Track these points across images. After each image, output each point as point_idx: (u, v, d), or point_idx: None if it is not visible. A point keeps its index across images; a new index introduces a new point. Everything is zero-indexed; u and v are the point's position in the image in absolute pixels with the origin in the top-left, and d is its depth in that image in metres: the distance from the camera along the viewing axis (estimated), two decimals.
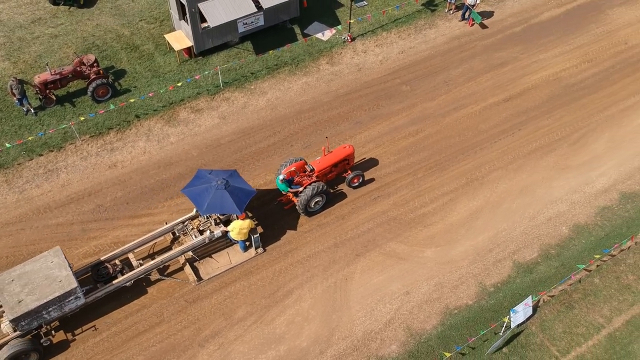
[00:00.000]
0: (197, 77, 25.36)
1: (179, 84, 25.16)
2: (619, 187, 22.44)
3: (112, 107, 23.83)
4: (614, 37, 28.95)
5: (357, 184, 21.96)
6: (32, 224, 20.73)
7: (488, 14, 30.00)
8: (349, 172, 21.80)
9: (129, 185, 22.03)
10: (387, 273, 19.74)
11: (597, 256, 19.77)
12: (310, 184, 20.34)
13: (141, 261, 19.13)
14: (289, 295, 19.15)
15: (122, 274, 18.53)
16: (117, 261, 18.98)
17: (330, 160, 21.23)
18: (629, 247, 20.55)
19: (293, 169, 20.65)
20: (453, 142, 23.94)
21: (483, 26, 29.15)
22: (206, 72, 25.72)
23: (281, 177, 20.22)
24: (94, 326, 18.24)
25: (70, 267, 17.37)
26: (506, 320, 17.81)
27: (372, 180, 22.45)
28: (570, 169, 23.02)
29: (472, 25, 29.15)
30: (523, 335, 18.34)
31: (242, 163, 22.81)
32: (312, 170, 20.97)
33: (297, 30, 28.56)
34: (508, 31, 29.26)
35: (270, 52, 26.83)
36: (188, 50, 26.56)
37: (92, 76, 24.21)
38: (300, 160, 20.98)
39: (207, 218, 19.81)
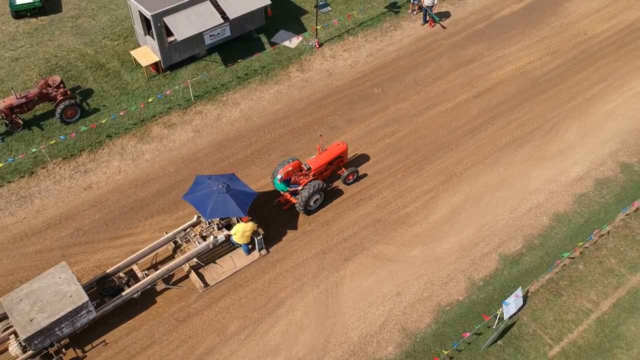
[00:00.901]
0: (167, 92, 24.99)
1: (150, 100, 24.75)
2: (592, 174, 22.96)
3: (82, 128, 23.28)
4: (573, 29, 29.71)
5: (352, 180, 22.28)
6: (9, 254, 20.04)
7: (450, 13, 30.43)
8: (344, 169, 22.10)
9: (106, 206, 21.52)
10: (377, 275, 19.74)
11: (581, 244, 20.15)
12: (308, 183, 20.49)
13: (146, 272, 18.91)
14: (281, 305, 18.95)
15: (129, 286, 18.34)
16: (121, 274, 18.73)
17: (326, 158, 21.50)
18: (608, 231, 21.02)
19: (290, 168, 20.70)
20: (429, 141, 24.14)
21: (443, 27, 29.50)
22: (176, 87, 25.37)
23: (279, 177, 20.27)
24: (83, 354, 17.71)
25: (79, 281, 17.10)
26: (499, 313, 18.01)
27: (365, 175, 22.76)
28: (544, 159, 23.46)
29: (433, 26, 29.47)
30: (516, 326, 18.55)
31: None
32: (309, 169, 21.12)
33: (264, 39, 28.45)
34: (472, 29, 29.74)
35: (239, 62, 26.65)
36: (155, 65, 26.17)
37: (59, 98, 23.62)
38: (296, 160, 21.04)
39: (209, 224, 19.71)
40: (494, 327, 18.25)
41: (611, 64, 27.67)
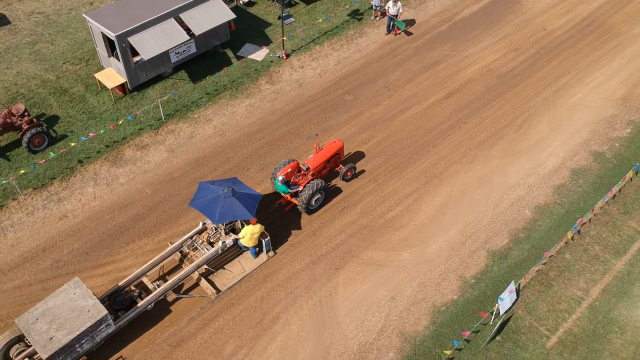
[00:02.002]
0: (137, 113, 24.41)
1: (120, 122, 24.13)
2: (568, 164, 23.40)
3: (52, 155, 22.47)
4: (532, 25, 30.39)
5: (350, 176, 22.45)
6: None
7: (412, 17, 30.73)
8: (341, 166, 22.32)
9: (84, 234, 20.78)
10: (370, 281, 19.58)
11: (570, 234, 20.44)
12: (308, 182, 20.56)
13: (157, 283, 18.66)
14: (276, 320, 18.58)
15: (141, 299, 17.98)
16: (131, 286, 18.43)
17: (323, 156, 21.65)
18: (590, 219, 21.40)
19: (289, 170, 20.74)
20: (406, 144, 24.21)
21: (408, 33, 29.72)
22: (146, 107, 24.81)
23: (280, 178, 20.27)
24: None
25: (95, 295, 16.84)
26: (495, 309, 18.07)
27: (362, 171, 23.06)
28: (520, 153, 23.81)
29: (398, 34, 29.59)
30: (512, 320, 18.64)
31: None
32: (308, 168, 21.22)
33: (230, 53, 28.14)
34: (435, 31, 30.09)
35: (208, 78, 26.24)
36: (122, 87, 25.54)
37: (25, 126, 22.78)
38: (293, 161, 21.13)
39: (216, 229, 19.66)
40: (490, 323, 18.31)
41: (572, 56, 28.38)
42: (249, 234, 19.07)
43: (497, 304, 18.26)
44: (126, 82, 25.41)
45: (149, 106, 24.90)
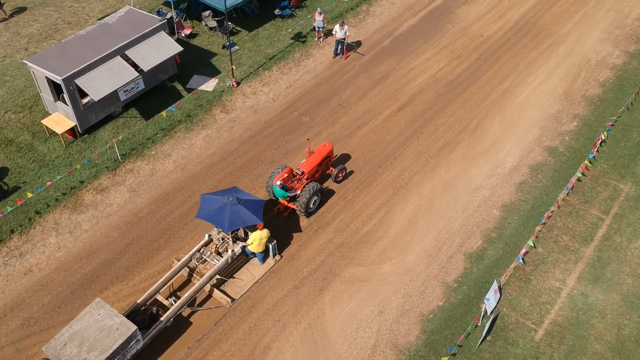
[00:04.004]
0: (95, 156, 23.61)
1: (78, 167, 23.27)
2: (525, 161, 24.24)
3: (9, 209, 21.38)
4: (470, 33, 31.52)
5: (341, 177, 23.08)
6: None
7: (354, 35, 31.24)
8: (332, 169, 23.04)
9: (53, 287, 19.78)
10: (356, 298, 19.53)
11: (538, 228, 21.10)
12: (305, 186, 21.08)
13: (173, 299, 18.75)
14: (268, 351, 18.20)
15: (160, 315, 17.84)
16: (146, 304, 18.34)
17: (316, 160, 22.40)
18: (553, 211, 22.18)
19: (286, 175, 21.23)
20: (368, 159, 24.46)
21: (359, 54, 30.00)
22: (102, 149, 24.04)
23: (278, 183, 20.58)
24: None
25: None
26: (482, 309, 18.37)
27: (351, 173, 23.74)
28: (479, 156, 24.48)
29: (347, 58, 29.83)
30: (499, 318, 18.98)
31: (171, 231, 21.51)
32: (302, 173, 21.70)
33: (179, 86, 27.75)
34: (378, 47, 30.70)
35: (163, 113, 25.68)
36: (71, 131, 24.66)
37: None
38: (287, 167, 21.59)
39: (223, 240, 20.01)
40: (479, 324, 18.58)
41: (511, 59, 29.58)
42: (258, 239, 19.25)
43: (483, 305, 18.60)
44: (76, 125, 24.57)
45: (105, 147, 24.14)
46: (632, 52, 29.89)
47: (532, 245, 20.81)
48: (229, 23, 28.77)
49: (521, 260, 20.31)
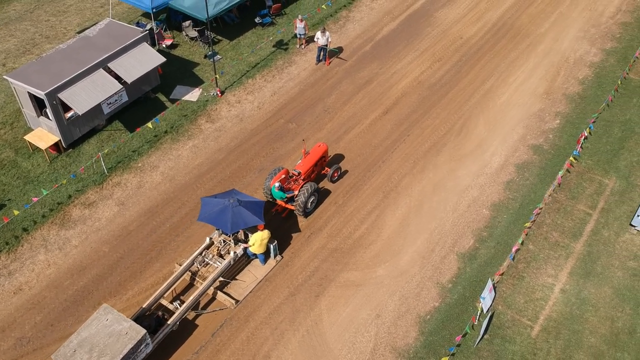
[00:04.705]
0: (81, 170, 23.31)
1: (64, 182, 22.94)
2: (511, 160, 24.54)
3: None
4: (449, 35, 31.86)
5: (337, 177, 23.42)
6: None
7: (335, 41, 31.36)
8: (327, 169, 23.38)
9: (45, 305, 19.44)
10: (352, 303, 19.53)
11: (527, 225, 21.35)
12: (302, 187, 21.30)
13: (178, 303, 18.93)
14: None
15: (165, 320, 18.05)
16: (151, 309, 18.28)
17: (311, 160, 22.69)
18: (541, 208, 22.47)
19: (283, 176, 21.39)
20: (356, 163, 24.53)
21: (342, 60, 30.12)
22: (88, 163, 23.74)
23: (277, 184, 20.73)
24: None
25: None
26: (479, 308, 18.51)
27: (346, 172, 24.07)
28: (466, 157, 24.71)
29: (330, 64, 29.91)
30: (495, 317, 19.13)
31: (162, 243, 21.30)
32: (299, 173, 21.89)
33: (163, 97, 27.56)
34: (360, 52, 30.87)
35: (149, 124, 25.45)
36: (55, 146, 24.32)
37: None
38: (283, 168, 21.76)
39: (224, 242, 20.11)
40: (476, 323, 18.71)
41: (492, 60, 29.96)
42: (259, 240, 19.36)
43: (480, 303, 18.75)
44: (60, 140, 24.25)
45: (90, 161, 23.85)
46: (609, 50, 30.49)
47: (521, 242, 21.04)
48: (210, 32, 28.68)
49: (511, 259, 20.52)
